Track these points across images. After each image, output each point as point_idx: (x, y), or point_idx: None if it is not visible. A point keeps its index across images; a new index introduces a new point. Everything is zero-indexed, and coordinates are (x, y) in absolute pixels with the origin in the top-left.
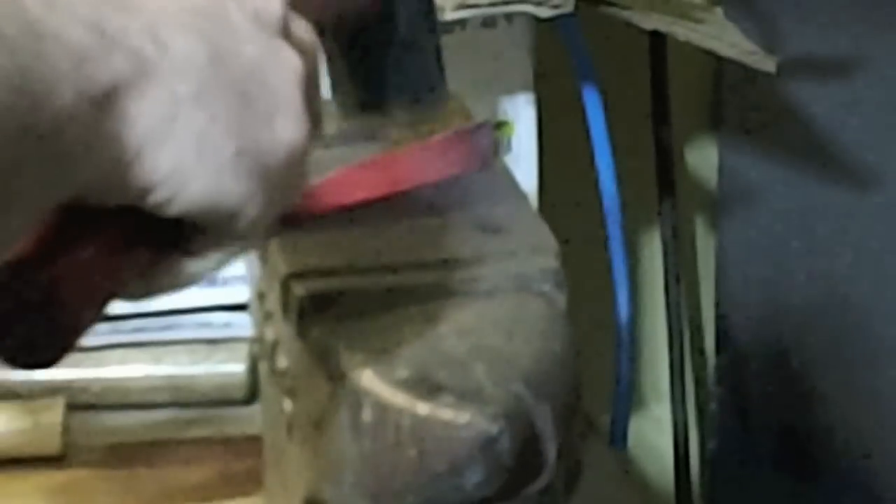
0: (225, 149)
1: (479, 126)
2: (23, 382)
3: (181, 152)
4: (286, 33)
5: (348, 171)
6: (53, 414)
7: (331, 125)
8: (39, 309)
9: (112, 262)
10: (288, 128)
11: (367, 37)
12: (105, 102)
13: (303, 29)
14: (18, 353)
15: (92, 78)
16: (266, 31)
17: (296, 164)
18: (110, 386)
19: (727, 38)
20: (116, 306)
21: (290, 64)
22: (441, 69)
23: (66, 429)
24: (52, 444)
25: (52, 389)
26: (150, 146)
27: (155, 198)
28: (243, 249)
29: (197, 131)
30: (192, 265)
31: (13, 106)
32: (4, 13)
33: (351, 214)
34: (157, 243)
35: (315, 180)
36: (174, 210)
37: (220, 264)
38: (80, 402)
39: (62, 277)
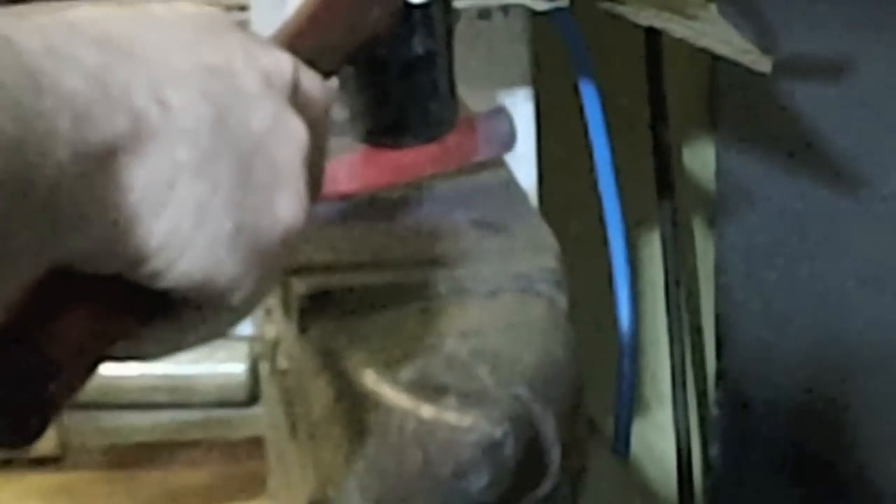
0: (224, 223)
1: (496, 112)
2: None
3: (178, 222)
4: (295, 96)
5: (363, 154)
6: None
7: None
8: (29, 378)
9: (99, 328)
10: (288, 206)
11: (381, 58)
12: (102, 164)
13: (313, 85)
14: (6, 429)
15: (90, 138)
16: (275, 97)
17: (292, 243)
18: (107, 385)
19: (722, 36)
20: None
21: (296, 137)
22: (454, 90)
23: (62, 429)
24: (49, 445)
25: None
26: (147, 213)
27: (147, 269)
28: (233, 323)
29: (196, 201)
30: (182, 335)
31: (8, 164)
32: (2, 63)
33: (351, 211)
34: (146, 312)
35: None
36: (166, 283)
37: (212, 336)
38: (76, 401)
39: (50, 343)
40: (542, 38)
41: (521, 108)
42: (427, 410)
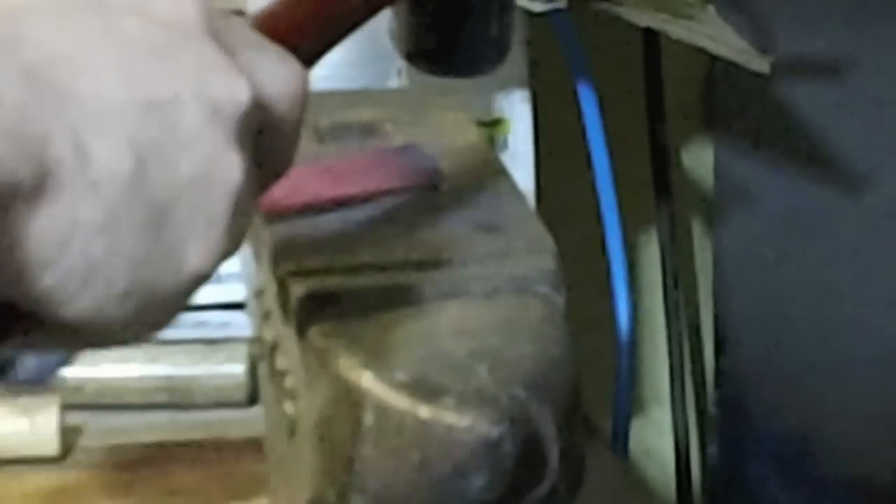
0: (117, 282)
1: (406, 148)
2: (16, 382)
3: (67, 278)
4: (248, 121)
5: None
6: (50, 415)
7: (324, 118)
8: None
9: None
10: (199, 257)
11: None
12: None
13: (284, 79)
14: None
15: None
16: (216, 133)
17: (197, 285)
18: (105, 386)
19: (720, 37)
20: None
21: (228, 180)
22: (509, 27)
23: (63, 430)
24: (50, 446)
25: (46, 389)
26: (35, 265)
27: (33, 307)
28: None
29: (89, 262)
30: (72, 344)
31: None
32: None
33: (348, 213)
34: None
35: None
36: (51, 319)
37: (107, 345)
38: (75, 402)
39: None
40: (537, 34)
41: (518, 109)
42: (425, 410)
